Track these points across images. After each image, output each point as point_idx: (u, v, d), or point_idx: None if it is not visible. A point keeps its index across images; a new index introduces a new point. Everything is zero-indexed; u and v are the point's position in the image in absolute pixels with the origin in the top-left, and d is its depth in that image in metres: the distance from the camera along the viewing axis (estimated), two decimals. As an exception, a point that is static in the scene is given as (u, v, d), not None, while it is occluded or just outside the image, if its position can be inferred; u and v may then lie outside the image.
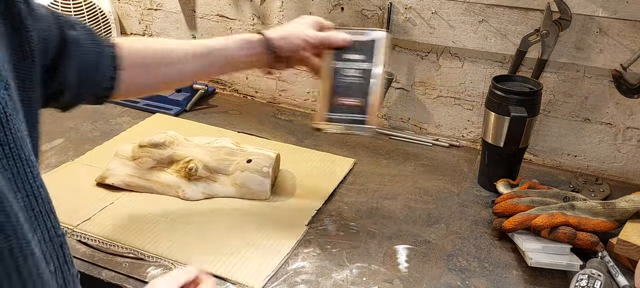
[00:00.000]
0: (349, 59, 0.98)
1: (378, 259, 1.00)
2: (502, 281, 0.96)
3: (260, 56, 0.97)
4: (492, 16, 1.32)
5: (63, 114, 0.90)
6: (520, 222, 1.01)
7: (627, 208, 1.01)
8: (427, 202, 1.19)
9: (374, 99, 0.97)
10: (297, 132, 1.48)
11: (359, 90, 0.97)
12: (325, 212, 1.13)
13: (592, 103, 1.30)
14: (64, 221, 1.04)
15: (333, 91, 0.97)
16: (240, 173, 1.14)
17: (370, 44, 0.99)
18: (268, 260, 0.97)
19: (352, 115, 0.96)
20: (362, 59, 0.98)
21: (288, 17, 1.55)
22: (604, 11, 1.22)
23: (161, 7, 1.72)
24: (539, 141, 1.38)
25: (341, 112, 0.96)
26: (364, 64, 0.98)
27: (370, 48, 0.99)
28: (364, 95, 0.97)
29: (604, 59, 1.25)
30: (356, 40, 0.99)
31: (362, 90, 0.97)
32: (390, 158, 1.37)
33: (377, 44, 0.99)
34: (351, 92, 0.97)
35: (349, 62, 0.98)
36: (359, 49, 0.99)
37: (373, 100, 0.97)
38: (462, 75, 1.40)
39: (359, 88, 0.97)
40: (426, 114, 1.49)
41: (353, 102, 0.97)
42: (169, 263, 0.96)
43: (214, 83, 1.74)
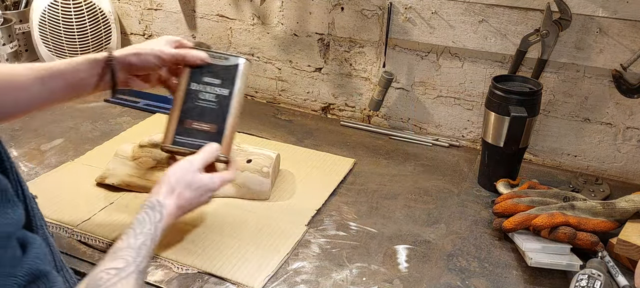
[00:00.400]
0: (207, 82, 0.94)
1: (378, 259, 1.00)
2: (502, 281, 0.96)
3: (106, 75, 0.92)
4: (492, 16, 1.32)
5: (64, 114, 0.91)
6: (520, 222, 1.01)
7: (627, 208, 1.01)
8: (427, 202, 1.19)
9: (228, 127, 0.92)
10: (297, 132, 1.48)
11: (212, 116, 0.93)
12: (325, 212, 1.13)
13: (592, 103, 1.30)
14: (64, 221, 1.04)
15: (185, 113, 0.92)
16: (240, 174, 1.14)
17: (231, 69, 0.95)
18: (268, 260, 0.97)
19: (202, 140, 0.91)
20: (219, 83, 0.94)
21: (288, 17, 1.55)
22: (604, 11, 1.22)
23: (161, 7, 1.72)
24: (539, 141, 1.38)
25: (190, 135, 0.91)
26: (221, 90, 0.94)
27: (230, 74, 0.95)
28: (218, 121, 0.92)
29: (604, 59, 1.25)
30: (216, 64, 0.95)
31: (216, 116, 0.92)
32: (390, 158, 1.37)
33: (238, 70, 0.95)
34: (204, 116, 0.92)
35: (206, 86, 0.93)
36: (218, 73, 0.94)
37: (228, 128, 0.92)
38: (462, 75, 1.40)
39: (213, 113, 0.93)
40: (426, 114, 1.49)
41: (205, 127, 0.92)
42: (169, 263, 0.96)
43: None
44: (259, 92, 1.69)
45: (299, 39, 1.57)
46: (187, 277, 0.93)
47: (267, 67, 1.65)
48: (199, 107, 0.92)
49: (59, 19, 1.62)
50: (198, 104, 0.92)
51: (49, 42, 1.65)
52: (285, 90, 1.65)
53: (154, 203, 0.82)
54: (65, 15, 1.63)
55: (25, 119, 1.46)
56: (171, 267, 0.95)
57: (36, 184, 1.16)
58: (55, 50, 1.66)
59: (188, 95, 0.93)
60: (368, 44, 1.48)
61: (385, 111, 1.53)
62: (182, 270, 0.95)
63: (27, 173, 1.21)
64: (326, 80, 1.58)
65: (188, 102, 0.92)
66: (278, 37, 1.59)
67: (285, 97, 1.66)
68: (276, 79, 1.65)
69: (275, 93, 1.67)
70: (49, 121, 1.45)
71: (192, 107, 0.92)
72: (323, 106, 1.62)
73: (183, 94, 0.93)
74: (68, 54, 1.67)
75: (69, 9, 1.62)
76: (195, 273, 0.94)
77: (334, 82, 1.57)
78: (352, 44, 1.50)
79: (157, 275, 0.93)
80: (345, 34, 1.50)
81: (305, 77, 1.60)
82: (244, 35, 1.64)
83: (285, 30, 1.57)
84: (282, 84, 1.65)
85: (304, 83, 1.61)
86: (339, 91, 1.57)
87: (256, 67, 1.66)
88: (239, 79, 0.95)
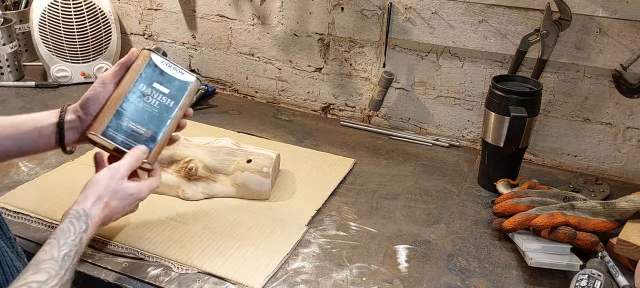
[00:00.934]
0: (156, 88, 0.92)
1: (378, 259, 1.00)
2: (502, 281, 0.96)
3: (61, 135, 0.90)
4: (492, 16, 1.32)
5: None
6: (520, 222, 1.01)
7: (627, 208, 1.01)
8: (427, 202, 1.19)
9: (162, 136, 0.92)
10: (297, 132, 1.48)
11: (152, 121, 0.91)
12: (325, 212, 1.13)
13: (592, 103, 1.30)
14: (64, 221, 1.04)
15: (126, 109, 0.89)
16: (240, 173, 1.14)
17: (182, 84, 0.94)
18: (268, 260, 0.97)
19: (131, 140, 0.89)
20: (167, 93, 0.92)
21: (288, 17, 1.55)
22: (604, 11, 1.22)
23: (161, 7, 1.72)
24: (539, 141, 1.38)
25: (123, 133, 0.89)
26: (168, 100, 0.92)
27: (180, 88, 0.94)
28: (154, 129, 0.91)
29: (604, 59, 1.25)
30: (170, 74, 0.93)
31: (155, 123, 0.91)
32: (390, 158, 1.37)
33: (188, 87, 0.94)
34: (144, 119, 0.90)
35: (154, 91, 0.92)
36: (169, 83, 0.93)
37: (161, 137, 0.91)
38: (462, 75, 1.40)
39: (153, 119, 0.91)
40: (426, 114, 1.49)
41: (141, 130, 0.90)
42: (169, 263, 0.96)
43: (214, 83, 1.75)
44: (259, 92, 1.69)
45: (299, 39, 1.57)
46: (187, 277, 0.93)
47: (267, 67, 1.65)
48: (141, 109, 0.90)
49: (59, 19, 1.62)
50: (141, 106, 0.90)
51: (49, 42, 1.65)
52: (285, 90, 1.65)
53: (79, 213, 0.80)
54: (65, 15, 1.63)
55: (25, 119, 1.46)
56: (171, 267, 0.95)
57: (36, 184, 1.16)
58: (55, 50, 1.66)
59: (134, 93, 0.90)
60: (368, 44, 1.48)
61: (385, 111, 1.53)
62: (182, 270, 0.95)
63: (27, 174, 1.21)
64: (326, 80, 1.58)
65: (131, 100, 0.90)
66: (278, 37, 1.59)
67: (285, 97, 1.66)
68: (276, 79, 1.65)
69: (275, 93, 1.67)
70: (49, 121, 1.45)
71: (133, 106, 0.90)
72: (323, 106, 1.62)
73: (128, 89, 0.90)
74: (68, 54, 1.67)
75: (69, 9, 1.62)
76: (195, 273, 0.94)
77: (334, 82, 1.57)
78: (352, 44, 1.50)
79: (157, 275, 0.93)
80: (345, 34, 1.50)
81: (306, 77, 1.60)
82: (244, 35, 1.64)
83: (285, 30, 1.57)
84: (282, 84, 1.65)
85: (304, 83, 1.61)
86: (339, 91, 1.57)
87: (256, 66, 1.66)
88: (186, 96, 0.94)
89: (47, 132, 0.90)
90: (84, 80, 1.71)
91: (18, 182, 1.17)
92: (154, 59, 0.93)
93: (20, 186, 1.15)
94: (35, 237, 1.01)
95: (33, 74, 1.77)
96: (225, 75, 1.72)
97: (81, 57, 1.69)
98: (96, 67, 1.71)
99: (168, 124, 0.92)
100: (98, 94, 0.90)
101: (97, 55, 1.71)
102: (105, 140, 0.88)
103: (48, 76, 1.69)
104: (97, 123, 0.89)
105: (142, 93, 0.91)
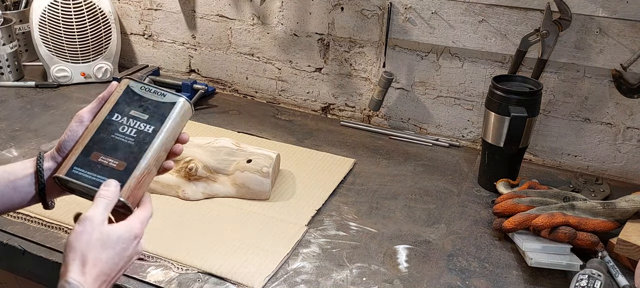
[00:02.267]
0: (132, 116, 0.80)
1: (378, 259, 1.00)
2: (502, 281, 0.96)
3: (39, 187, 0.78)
4: (492, 16, 1.32)
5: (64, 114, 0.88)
6: (520, 222, 1.01)
7: (627, 208, 1.01)
8: (427, 202, 1.19)
9: (140, 168, 0.76)
10: (297, 132, 1.48)
11: (126, 152, 0.77)
12: (325, 212, 1.13)
13: (592, 103, 1.30)
14: (64, 221, 1.04)
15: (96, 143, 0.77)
16: (240, 174, 1.14)
17: (164, 106, 0.81)
18: (268, 260, 0.97)
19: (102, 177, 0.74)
20: (146, 119, 0.80)
21: (288, 17, 1.55)
22: (604, 11, 1.22)
23: (161, 7, 1.72)
24: (539, 141, 1.38)
25: (92, 169, 0.75)
26: (146, 126, 0.79)
27: (162, 111, 0.81)
28: (129, 160, 0.77)
29: (604, 59, 1.25)
30: (149, 98, 0.81)
31: (130, 153, 0.77)
32: (390, 158, 1.37)
33: (173, 109, 0.81)
34: (116, 151, 0.77)
35: (130, 119, 0.80)
36: (148, 108, 0.81)
37: (139, 169, 0.76)
38: (462, 75, 1.40)
39: (127, 149, 0.77)
40: (426, 114, 1.49)
41: (112, 163, 0.76)
42: (169, 263, 0.96)
43: (214, 83, 1.75)
44: (259, 92, 1.69)
45: (299, 39, 1.57)
46: (187, 277, 0.93)
47: (267, 67, 1.65)
48: (113, 140, 0.78)
49: (59, 19, 1.62)
50: (114, 137, 0.78)
51: (49, 42, 1.65)
52: (285, 90, 1.65)
53: None
54: (65, 15, 1.63)
55: (25, 119, 1.46)
56: (171, 267, 0.95)
57: (36, 184, 1.16)
58: (55, 50, 1.66)
59: (106, 125, 0.79)
60: (368, 44, 1.48)
61: (385, 111, 1.53)
62: (182, 270, 0.95)
63: (27, 174, 1.21)
64: (326, 80, 1.58)
65: (102, 133, 0.78)
66: (278, 37, 1.59)
67: (285, 97, 1.66)
68: (276, 79, 1.65)
69: (275, 93, 1.67)
70: (49, 121, 1.45)
71: (105, 139, 0.77)
72: (323, 106, 1.62)
73: (99, 123, 0.79)
74: (68, 54, 1.67)
75: (69, 9, 1.62)
76: (195, 273, 0.94)
77: (334, 82, 1.57)
78: (352, 44, 1.50)
79: (157, 275, 0.93)
80: (345, 34, 1.50)
81: (305, 77, 1.60)
82: (244, 35, 1.64)
83: (285, 31, 1.57)
84: (282, 84, 1.65)
85: (304, 83, 1.61)
86: (339, 91, 1.57)
87: (256, 67, 1.66)
88: (171, 119, 0.81)
89: (24, 184, 0.77)
90: (84, 80, 1.71)
91: (18, 182, 1.17)
92: (131, 86, 0.82)
93: (20, 186, 1.15)
94: (35, 237, 1.01)
95: (33, 74, 1.77)
96: (225, 75, 1.72)
97: (81, 57, 1.69)
98: (96, 67, 1.71)
99: (148, 152, 0.78)
100: (75, 133, 0.79)
101: (97, 55, 1.71)
102: (70, 180, 0.75)
103: (48, 76, 1.69)
104: (64, 163, 0.77)
105: (116, 123, 0.79)
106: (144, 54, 1.83)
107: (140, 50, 1.83)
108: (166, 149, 0.81)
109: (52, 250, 0.98)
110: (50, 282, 0.99)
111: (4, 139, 1.35)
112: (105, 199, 0.72)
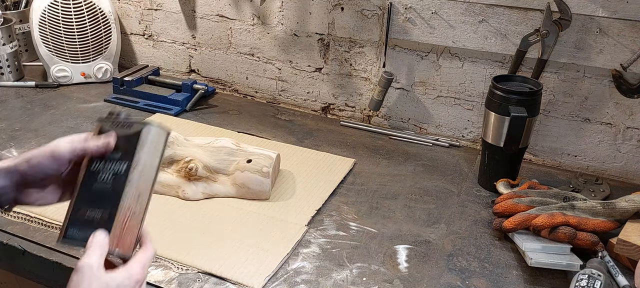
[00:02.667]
0: (109, 158, 0.75)
1: (378, 259, 1.00)
2: (502, 281, 0.96)
3: None
4: (492, 16, 1.32)
5: (64, 114, 0.88)
6: (520, 222, 1.01)
7: (627, 208, 1.01)
8: (427, 202, 1.19)
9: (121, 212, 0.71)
10: (297, 132, 1.48)
11: (105, 199, 0.73)
12: (325, 212, 1.13)
13: (592, 103, 1.30)
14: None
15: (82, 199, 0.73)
16: (240, 174, 1.14)
17: (132, 139, 0.75)
18: (268, 260, 0.97)
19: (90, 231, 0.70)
20: (119, 158, 0.75)
21: (288, 17, 1.55)
22: (604, 11, 1.22)
23: (161, 7, 1.72)
24: (539, 141, 1.38)
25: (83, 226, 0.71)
26: (120, 165, 0.74)
27: (131, 145, 0.75)
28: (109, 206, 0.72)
29: (604, 59, 1.25)
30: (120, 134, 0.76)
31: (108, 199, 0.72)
32: (390, 158, 1.37)
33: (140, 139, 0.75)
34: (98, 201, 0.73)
35: (107, 163, 0.75)
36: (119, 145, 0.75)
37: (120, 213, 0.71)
38: (462, 75, 1.40)
39: (106, 196, 0.73)
40: (426, 114, 1.49)
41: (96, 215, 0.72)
42: (169, 263, 0.96)
43: (214, 83, 1.75)
44: (259, 92, 1.69)
45: (299, 39, 1.57)
46: (187, 277, 0.93)
47: (267, 67, 1.65)
48: (95, 191, 0.74)
49: (59, 19, 1.63)
50: (95, 187, 0.74)
51: (49, 42, 1.65)
52: (285, 90, 1.65)
53: None
54: (65, 15, 1.63)
55: (25, 119, 1.46)
56: (171, 267, 0.95)
57: (36, 184, 1.16)
58: (55, 50, 1.66)
59: (87, 177, 0.74)
60: (368, 44, 1.48)
61: (386, 111, 1.53)
62: (182, 270, 0.95)
63: (27, 174, 1.21)
64: (326, 80, 1.58)
65: (86, 186, 0.74)
66: (278, 37, 1.59)
67: (285, 97, 1.66)
68: (276, 79, 1.65)
69: (275, 93, 1.67)
70: (49, 121, 1.45)
71: (88, 192, 0.74)
72: (323, 106, 1.62)
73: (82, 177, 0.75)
74: (68, 54, 1.67)
75: (69, 9, 1.62)
76: (195, 273, 0.94)
77: (334, 82, 1.57)
78: (352, 44, 1.50)
79: (157, 275, 0.93)
80: (345, 34, 1.50)
81: (306, 77, 1.60)
82: (244, 35, 1.64)
83: (285, 31, 1.57)
84: (282, 84, 1.65)
85: (304, 83, 1.61)
86: (339, 91, 1.57)
87: (256, 67, 1.66)
88: (142, 151, 0.75)
89: None
90: (84, 80, 1.71)
91: (18, 182, 1.17)
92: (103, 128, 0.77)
93: (20, 186, 1.15)
94: (35, 237, 1.01)
95: (33, 74, 1.77)
96: (225, 75, 1.72)
97: (81, 57, 1.69)
98: (96, 67, 1.71)
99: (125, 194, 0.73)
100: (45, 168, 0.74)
101: (97, 55, 1.71)
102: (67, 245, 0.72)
103: (48, 76, 1.69)
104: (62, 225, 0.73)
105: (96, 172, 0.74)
106: (144, 54, 1.83)
107: (140, 50, 1.83)
108: (147, 182, 0.76)
109: (52, 250, 0.98)
110: (50, 282, 0.99)
111: (4, 139, 1.35)
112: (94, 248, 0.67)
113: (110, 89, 1.65)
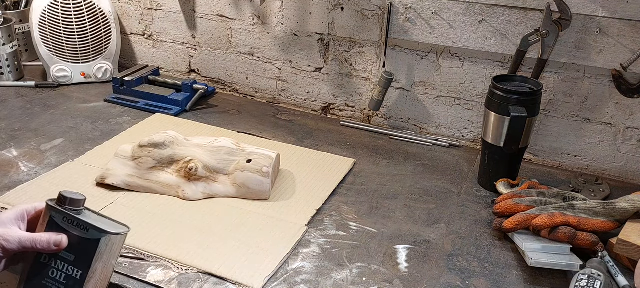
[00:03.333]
0: (60, 256, 0.70)
1: (378, 259, 1.00)
2: (502, 281, 0.96)
3: None
4: (492, 16, 1.32)
5: (63, 114, 0.88)
6: (520, 222, 1.01)
7: (627, 208, 1.01)
8: (427, 202, 1.19)
9: None
10: (297, 132, 1.48)
11: None
12: (325, 212, 1.13)
13: (592, 103, 1.30)
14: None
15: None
16: (240, 174, 1.14)
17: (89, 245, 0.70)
18: (268, 260, 0.97)
19: None
20: (73, 260, 0.70)
21: (288, 17, 1.55)
22: (604, 11, 1.22)
23: (161, 7, 1.72)
24: (539, 141, 1.38)
25: None
26: (74, 270, 0.70)
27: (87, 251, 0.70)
28: None
29: (604, 59, 1.25)
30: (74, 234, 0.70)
31: None
32: (390, 158, 1.37)
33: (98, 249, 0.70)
34: None
35: (58, 260, 0.70)
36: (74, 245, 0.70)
37: None
38: (462, 75, 1.40)
39: None
40: (426, 114, 1.49)
41: None
42: (169, 263, 0.96)
43: (214, 83, 1.74)
44: (259, 92, 1.69)
45: (299, 39, 1.57)
46: (187, 277, 0.93)
47: (267, 67, 1.65)
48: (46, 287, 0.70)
49: (59, 19, 1.63)
50: (45, 283, 0.69)
51: (49, 42, 1.65)
52: (286, 90, 1.65)
53: None
54: (65, 15, 1.63)
55: (25, 118, 1.46)
56: (171, 267, 0.95)
57: (36, 184, 1.16)
58: (55, 50, 1.66)
59: (36, 268, 0.70)
60: (368, 44, 1.48)
61: (386, 111, 1.53)
62: (182, 270, 0.95)
63: (27, 174, 1.21)
64: (326, 80, 1.58)
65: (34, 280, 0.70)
66: (278, 37, 1.59)
67: (285, 97, 1.66)
68: (276, 79, 1.65)
69: (275, 93, 1.67)
70: (49, 121, 1.45)
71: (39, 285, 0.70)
72: (323, 106, 1.62)
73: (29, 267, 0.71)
74: (68, 54, 1.67)
75: (69, 9, 1.62)
76: (195, 273, 0.94)
77: (334, 82, 1.57)
78: (352, 44, 1.50)
79: (157, 275, 0.93)
80: (345, 34, 1.50)
81: (306, 77, 1.60)
82: (244, 35, 1.64)
83: (285, 30, 1.57)
84: (282, 84, 1.65)
85: (304, 83, 1.61)
86: (339, 91, 1.57)
87: (256, 67, 1.66)
88: (99, 261, 0.71)
89: None
90: (84, 80, 1.71)
91: (18, 182, 1.17)
92: (53, 218, 0.71)
93: (20, 186, 1.15)
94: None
95: (33, 74, 1.77)
96: (225, 75, 1.72)
97: (81, 57, 1.69)
98: (96, 67, 1.71)
99: None
100: None
101: (97, 55, 1.71)
102: None
103: (48, 76, 1.69)
104: None
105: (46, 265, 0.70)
106: (144, 53, 1.83)
107: (140, 50, 1.83)
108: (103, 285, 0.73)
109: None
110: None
111: (4, 139, 1.35)
112: None
113: (110, 88, 1.65)
